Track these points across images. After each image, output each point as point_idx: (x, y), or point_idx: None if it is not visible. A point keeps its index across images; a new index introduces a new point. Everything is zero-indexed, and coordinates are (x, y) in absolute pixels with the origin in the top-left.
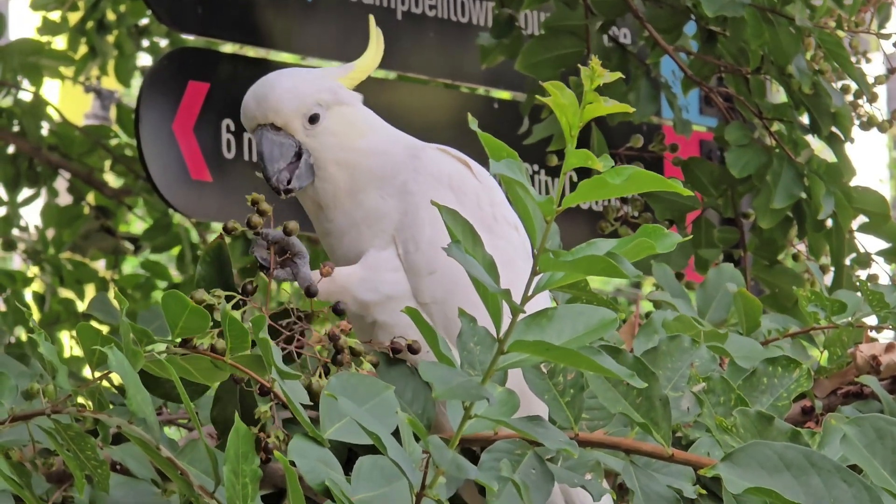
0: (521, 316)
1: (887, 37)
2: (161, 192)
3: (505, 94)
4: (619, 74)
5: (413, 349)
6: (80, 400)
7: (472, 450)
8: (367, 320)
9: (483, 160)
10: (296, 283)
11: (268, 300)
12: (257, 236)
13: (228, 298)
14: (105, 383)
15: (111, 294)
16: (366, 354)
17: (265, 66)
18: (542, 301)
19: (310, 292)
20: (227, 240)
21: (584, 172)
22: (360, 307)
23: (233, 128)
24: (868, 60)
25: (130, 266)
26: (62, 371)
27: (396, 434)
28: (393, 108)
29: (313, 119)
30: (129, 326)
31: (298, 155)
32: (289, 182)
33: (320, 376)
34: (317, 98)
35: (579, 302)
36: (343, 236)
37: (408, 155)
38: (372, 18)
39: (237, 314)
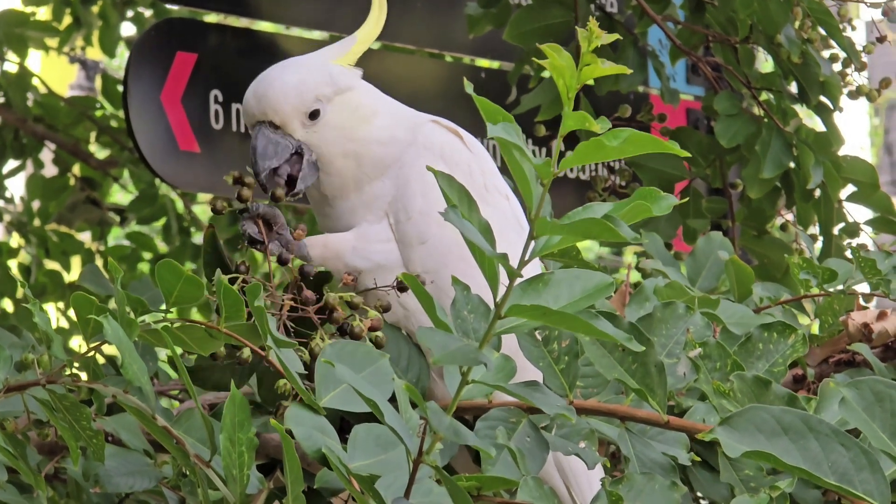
0: (518, 281)
1: (877, 5)
2: (149, 164)
3: (492, 64)
4: (616, 36)
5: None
6: (75, 370)
7: (465, 418)
8: (359, 287)
9: (471, 129)
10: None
11: (271, 272)
12: (244, 212)
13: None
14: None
15: (98, 262)
16: (364, 304)
17: (253, 37)
18: (534, 270)
19: (305, 259)
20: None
21: (570, 143)
22: (352, 273)
23: (221, 98)
24: (853, 28)
25: (114, 237)
26: (57, 341)
27: (392, 401)
28: (380, 78)
29: (314, 115)
30: (124, 296)
31: (297, 153)
32: (293, 184)
33: (322, 340)
34: (317, 94)
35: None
36: (340, 219)
37: (412, 138)
38: None
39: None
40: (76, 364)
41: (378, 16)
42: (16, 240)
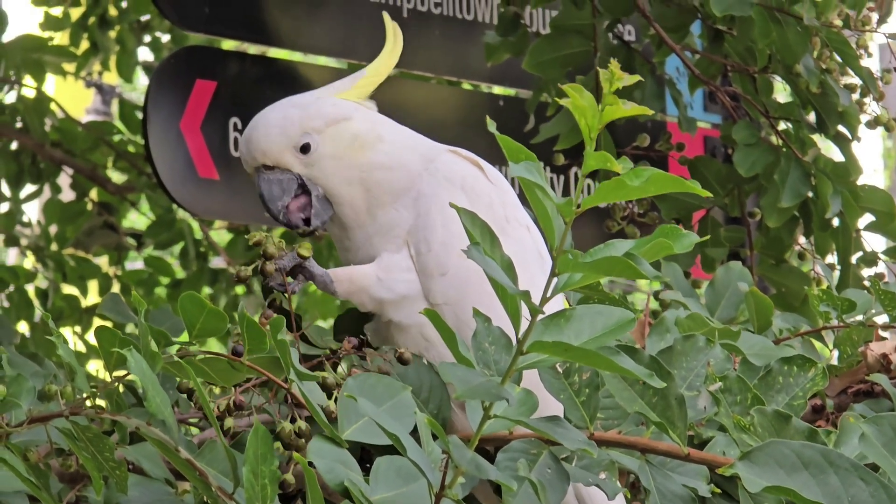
0: (540, 316)
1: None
2: (169, 191)
3: (509, 91)
4: (637, 77)
5: (404, 360)
6: (98, 401)
7: (485, 449)
8: (383, 319)
9: (489, 156)
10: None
11: (293, 318)
12: (273, 274)
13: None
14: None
15: (115, 288)
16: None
17: (271, 65)
18: (555, 301)
19: (332, 294)
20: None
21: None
22: (377, 305)
23: (240, 126)
24: (869, 55)
25: (131, 261)
26: (80, 373)
27: (413, 434)
28: (396, 105)
29: (305, 149)
30: (148, 328)
31: (303, 187)
32: (308, 222)
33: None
34: (303, 127)
35: (591, 301)
36: (359, 250)
37: (423, 164)
38: (387, 17)
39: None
40: (98, 393)
41: (392, 49)
42: (31, 261)
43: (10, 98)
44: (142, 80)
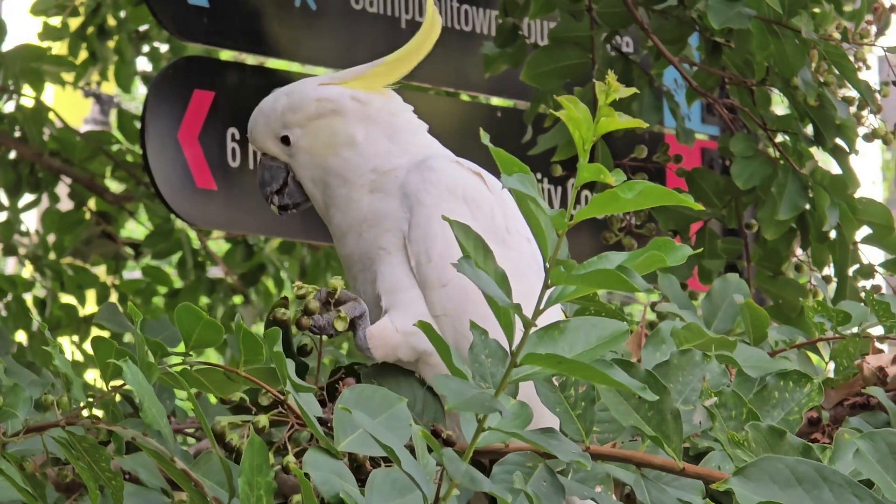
0: (533, 328)
1: (894, 50)
2: (166, 201)
3: (507, 103)
4: (633, 90)
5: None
6: (94, 411)
7: (481, 462)
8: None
9: (486, 167)
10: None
11: (319, 370)
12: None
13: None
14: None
15: (113, 298)
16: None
17: (270, 75)
18: (552, 312)
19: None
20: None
21: (587, 183)
22: (415, 355)
23: (238, 136)
24: (868, 67)
25: (129, 269)
26: (77, 383)
27: (409, 446)
28: None
29: (285, 140)
30: (144, 339)
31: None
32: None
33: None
34: (284, 120)
35: (588, 313)
36: (343, 237)
37: (407, 163)
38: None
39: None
40: (94, 403)
41: (429, 30)
42: (29, 271)
43: (8, 107)
44: (140, 90)
